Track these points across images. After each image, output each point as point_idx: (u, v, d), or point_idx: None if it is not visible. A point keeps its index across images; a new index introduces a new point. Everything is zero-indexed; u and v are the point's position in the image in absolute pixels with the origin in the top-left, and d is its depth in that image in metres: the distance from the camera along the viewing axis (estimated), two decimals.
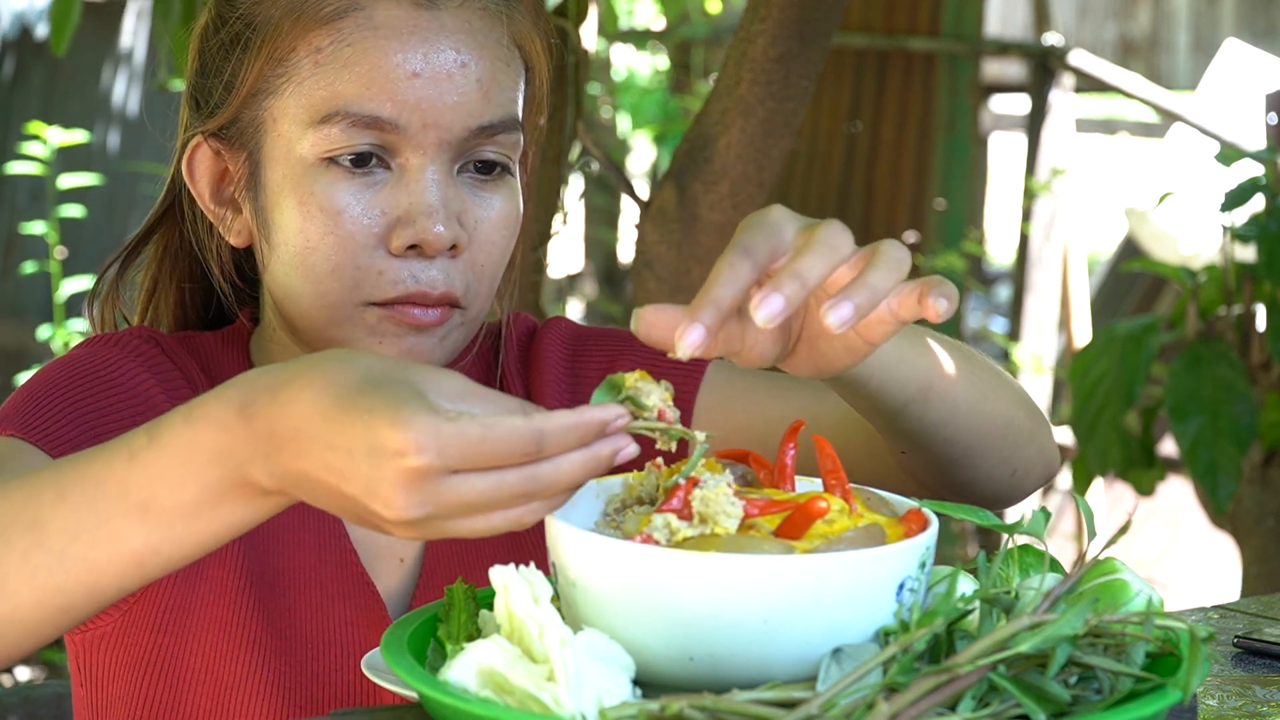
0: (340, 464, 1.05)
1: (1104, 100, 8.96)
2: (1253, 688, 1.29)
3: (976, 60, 5.43)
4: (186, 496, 1.12)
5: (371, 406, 1.04)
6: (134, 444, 1.14)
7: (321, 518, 1.50)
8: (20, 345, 6.27)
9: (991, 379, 1.49)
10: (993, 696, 1.03)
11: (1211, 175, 4.86)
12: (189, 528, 1.13)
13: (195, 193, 1.50)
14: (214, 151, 1.48)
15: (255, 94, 1.44)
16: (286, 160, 1.42)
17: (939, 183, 5.39)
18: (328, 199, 1.40)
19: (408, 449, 1.01)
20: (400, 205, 1.40)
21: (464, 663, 1.05)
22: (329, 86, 1.40)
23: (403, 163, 1.41)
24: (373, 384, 1.05)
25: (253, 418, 1.09)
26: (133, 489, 1.12)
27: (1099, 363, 3.15)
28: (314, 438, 1.06)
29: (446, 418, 1.02)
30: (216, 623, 1.44)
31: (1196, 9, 10.48)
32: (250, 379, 1.11)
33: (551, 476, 1.05)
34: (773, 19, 2.23)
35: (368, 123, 1.39)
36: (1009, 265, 7.91)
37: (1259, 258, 3.09)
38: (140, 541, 1.13)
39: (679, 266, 2.33)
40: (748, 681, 1.05)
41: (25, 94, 6.65)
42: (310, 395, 1.07)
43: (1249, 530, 3.23)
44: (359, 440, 1.03)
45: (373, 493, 1.04)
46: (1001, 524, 1.18)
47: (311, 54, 1.41)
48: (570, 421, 1.05)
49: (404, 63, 1.39)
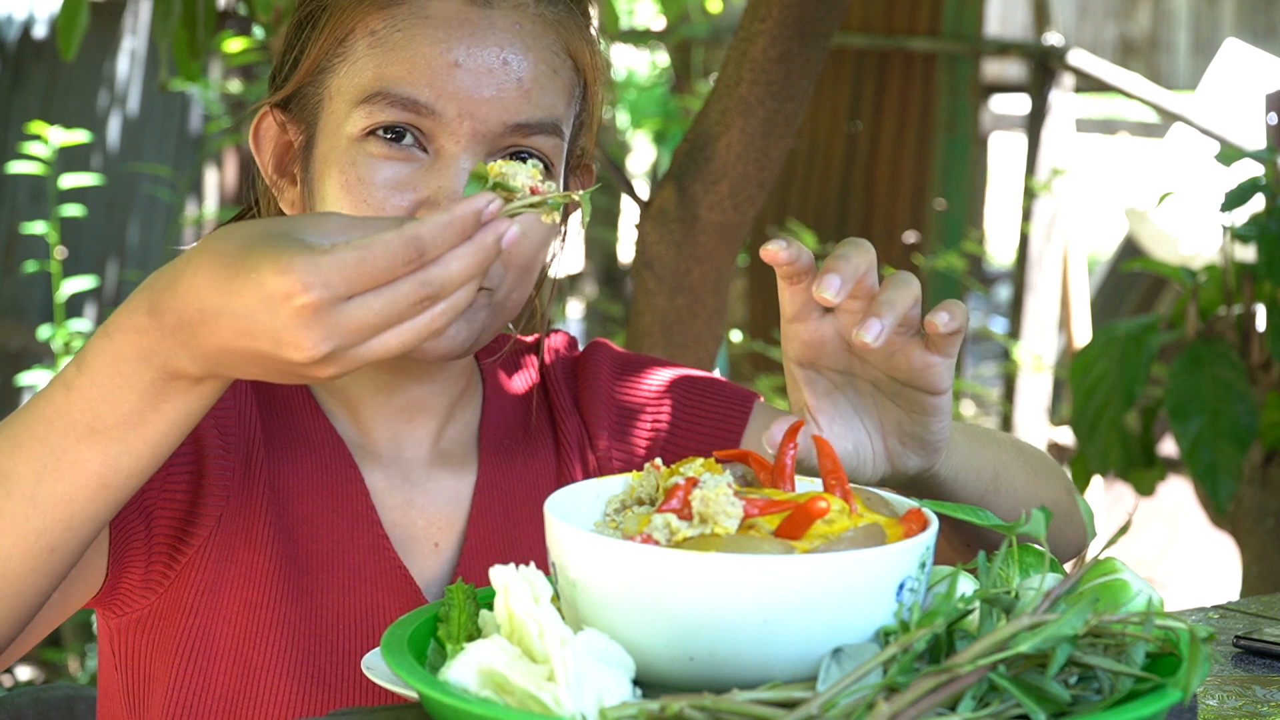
0: (245, 325, 1.11)
1: (1104, 100, 8.96)
2: (1253, 688, 1.29)
3: (976, 60, 5.43)
4: (127, 407, 1.18)
5: (256, 264, 1.10)
6: (67, 375, 1.20)
7: (354, 503, 1.52)
8: (20, 345, 6.26)
9: (1042, 464, 1.62)
10: (993, 696, 1.03)
11: (1211, 175, 4.87)
12: (139, 436, 1.20)
13: (258, 160, 1.56)
14: (279, 124, 1.54)
15: (317, 71, 1.50)
16: (334, 136, 1.47)
17: (939, 183, 5.38)
18: (365, 171, 1.44)
19: (294, 289, 1.08)
20: (430, 187, 1.44)
21: (464, 663, 1.06)
22: (376, 68, 1.45)
23: (438, 148, 1.44)
24: (253, 244, 1.12)
25: (161, 313, 1.16)
26: (77, 415, 1.19)
27: (1099, 363, 3.16)
28: (217, 311, 1.12)
29: (322, 251, 1.08)
30: (246, 605, 1.46)
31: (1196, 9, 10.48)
32: (152, 280, 1.18)
33: (443, 276, 1.11)
34: (773, 19, 2.23)
35: (405, 104, 1.43)
36: (1009, 265, 7.91)
37: (1259, 258, 3.09)
38: (99, 462, 1.20)
39: (679, 266, 2.33)
40: (748, 681, 1.05)
41: (25, 94, 6.65)
42: (204, 274, 1.13)
43: (1249, 530, 3.23)
44: (252, 296, 1.10)
45: (279, 341, 1.10)
46: (1001, 524, 1.18)
47: (367, 36, 1.46)
48: (444, 220, 1.11)
49: (447, 52, 1.44)
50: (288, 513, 1.50)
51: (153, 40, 6.25)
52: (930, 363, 1.33)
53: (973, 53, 5.40)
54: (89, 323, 5.88)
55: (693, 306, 2.35)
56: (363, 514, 1.52)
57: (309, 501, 1.51)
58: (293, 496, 1.50)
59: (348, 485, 1.52)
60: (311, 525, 1.50)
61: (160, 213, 6.49)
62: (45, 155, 5.01)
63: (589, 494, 1.20)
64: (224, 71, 6.38)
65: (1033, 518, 1.13)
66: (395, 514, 1.53)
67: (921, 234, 5.35)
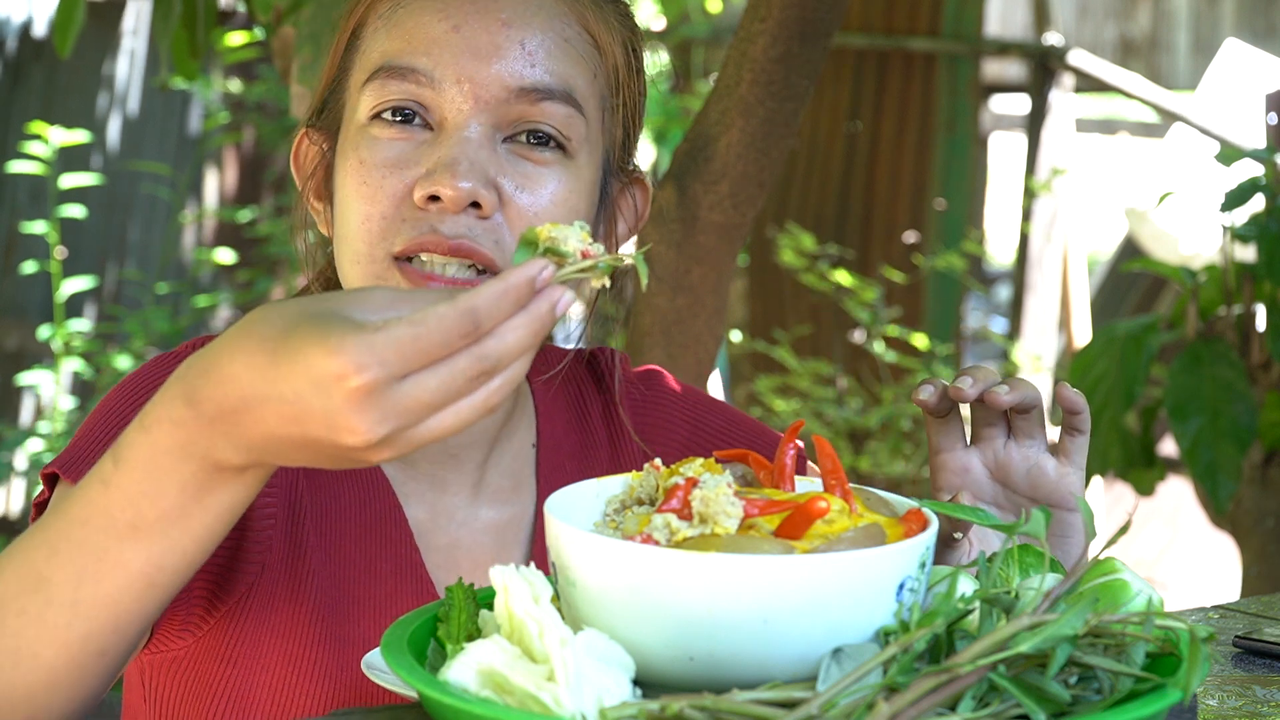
0: (294, 410, 1.05)
1: (1104, 100, 8.95)
2: (1253, 688, 1.29)
3: (976, 60, 5.43)
4: (168, 502, 1.12)
5: (302, 346, 1.04)
6: (104, 472, 1.14)
7: (398, 547, 1.46)
8: (20, 345, 6.26)
9: None
10: (993, 696, 1.03)
11: (1211, 175, 4.86)
12: (183, 530, 1.13)
13: (299, 186, 1.54)
14: (319, 150, 1.52)
15: (340, 74, 1.49)
16: (348, 127, 1.45)
17: (939, 183, 5.38)
18: (368, 153, 1.42)
19: (347, 371, 1.02)
20: (429, 160, 1.41)
21: (464, 663, 1.05)
22: (380, 47, 1.44)
23: (440, 120, 1.42)
24: (296, 326, 1.05)
25: (199, 403, 1.09)
26: (116, 513, 1.12)
27: (1099, 363, 3.15)
28: (262, 397, 1.06)
29: (374, 329, 1.02)
30: (286, 656, 1.41)
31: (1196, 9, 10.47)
32: (185, 369, 1.11)
33: (499, 349, 1.05)
34: (773, 19, 2.23)
35: (404, 74, 1.41)
36: (1009, 265, 7.91)
37: (1259, 258, 3.09)
38: (143, 560, 1.13)
39: (679, 266, 2.33)
40: (748, 681, 1.05)
41: (25, 94, 6.65)
42: (244, 360, 1.07)
43: (1249, 530, 3.23)
44: (301, 380, 1.03)
45: (333, 426, 1.04)
46: (1001, 524, 1.18)
47: (375, 22, 1.46)
48: (499, 289, 1.05)
49: (446, 20, 1.42)
50: (333, 559, 1.44)
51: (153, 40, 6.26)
52: (1064, 472, 1.39)
53: (973, 53, 5.40)
54: (88, 323, 5.88)
55: (693, 306, 2.35)
56: (406, 557, 1.46)
57: (353, 544, 1.45)
58: (339, 541, 1.45)
59: (392, 528, 1.47)
60: (355, 570, 1.44)
61: (160, 212, 6.49)
62: (45, 155, 5.01)
63: (589, 494, 1.20)
64: (224, 71, 6.38)
65: (1033, 518, 1.13)
66: (439, 556, 1.48)
67: (921, 234, 5.35)
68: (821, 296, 5.14)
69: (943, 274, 5.26)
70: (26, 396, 6.32)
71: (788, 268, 5.09)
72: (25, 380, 5.41)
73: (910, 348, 5.10)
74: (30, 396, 6.30)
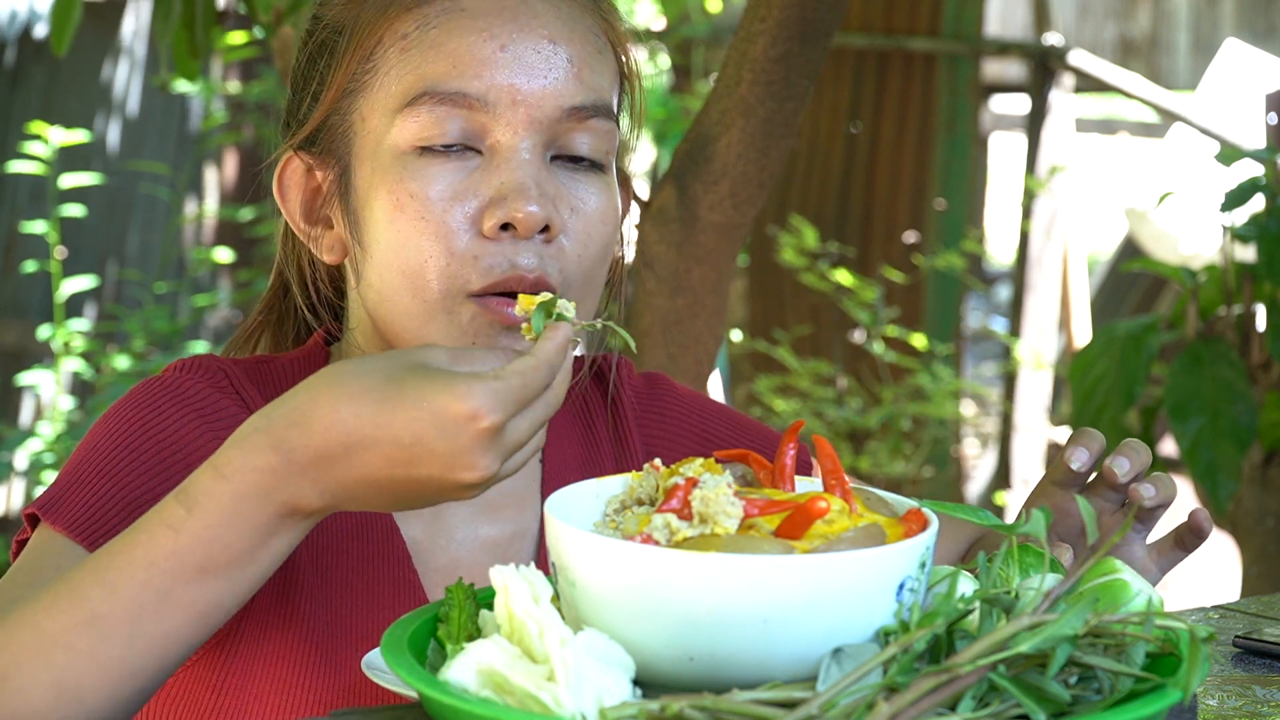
0: (412, 455, 1.13)
1: (1104, 100, 8.95)
2: (1253, 688, 1.29)
3: (976, 60, 5.43)
4: (241, 544, 1.17)
5: (421, 394, 1.13)
6: (171, 517, 1.18)
7: (395, 568, 1.44)
8: (20, 345, 6.26)
9: None
10: (993, 696, 1.03)
11: (1211, 175, 4.86)
12: (246, 573, 1.19)
13: (285, 212, 1.48)
14: (305, 167, 1.46)
15: (345, 94, 1.42)
16: (376, 154, 1.39)
17: (939, 183, 5.38)
18: (418, 185, 1.37)
19: (479, 413, 1.13)
20: (492, 186, 1.37)
21: (464, 663, 1.05)
22: (416, 70, 1.38)
23: (493, 144, 1.38)
24: (402, 375, 1.15)
25: (291, 450, 1.15)
26: (187, 557, 1.17)
27: (1099, 363, 3.15)
28: (373, 442, 1.14)
29: (492, 376, 1.14)
30: (280, 683, 1.40)
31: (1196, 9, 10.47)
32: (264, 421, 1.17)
33: (557, 398, 1.19)
34: (773, 19, 2.23)
35: (455, 100, 1.36)
36: (1009, 265, 7.91)
37: (1259, 258, 3.08)
38: (205, 601, 1.18)
39: (679, 266, 2.33)
40: (748, 681, 1.05)
41: (25, 93, 6.65)
42: (349, 409, 1.14)
43: (1249, 530, 3.23)
44: (426, 425, 1.13)
45: (454, 465, 1.13)
46: (1002, 524, 1.18)
47: (397, 41, 1.39)
48: (557, 344, 1.19)
49: (491, 40, 1.37)
50: (328, 582, 1.42)
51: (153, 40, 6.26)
52: (1148, 567, 1.40)
53: (973, 53, 5.40)
54: (88, 323, 5.88)
55: (693, 306, 2.35)
56: (403, 578, 1.44)
57: (349, 567, 1.43)
58: (333, 564, 1.43)
59: (388, 548, 1.44)
60: (351, 593, 1.42)
61: (160, 212, 6.49)
62: (45, 155, 5.01)
63: (589, 494, 1.20)
64: (223, 70, 6.38)
65: (1033, 518, 1.13)
66: (439, 576, 1.45)
67: (921, 234, 5.35)
68: (821, 296, 5.14)
69: (943, 274, 5.26)
70: (26, 396, 6.33)
71: (788, 267, 5.09)
72: (25, 380, 5.41)
73: (910, 348, 5.10)
74: (30, 396, 6.30)
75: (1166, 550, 1.42)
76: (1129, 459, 1.39)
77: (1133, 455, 1.39)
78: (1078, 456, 1.40)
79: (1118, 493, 1.41)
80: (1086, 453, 1.40)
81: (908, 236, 5.34)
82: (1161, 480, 1.39)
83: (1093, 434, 1.41)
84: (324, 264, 1.51)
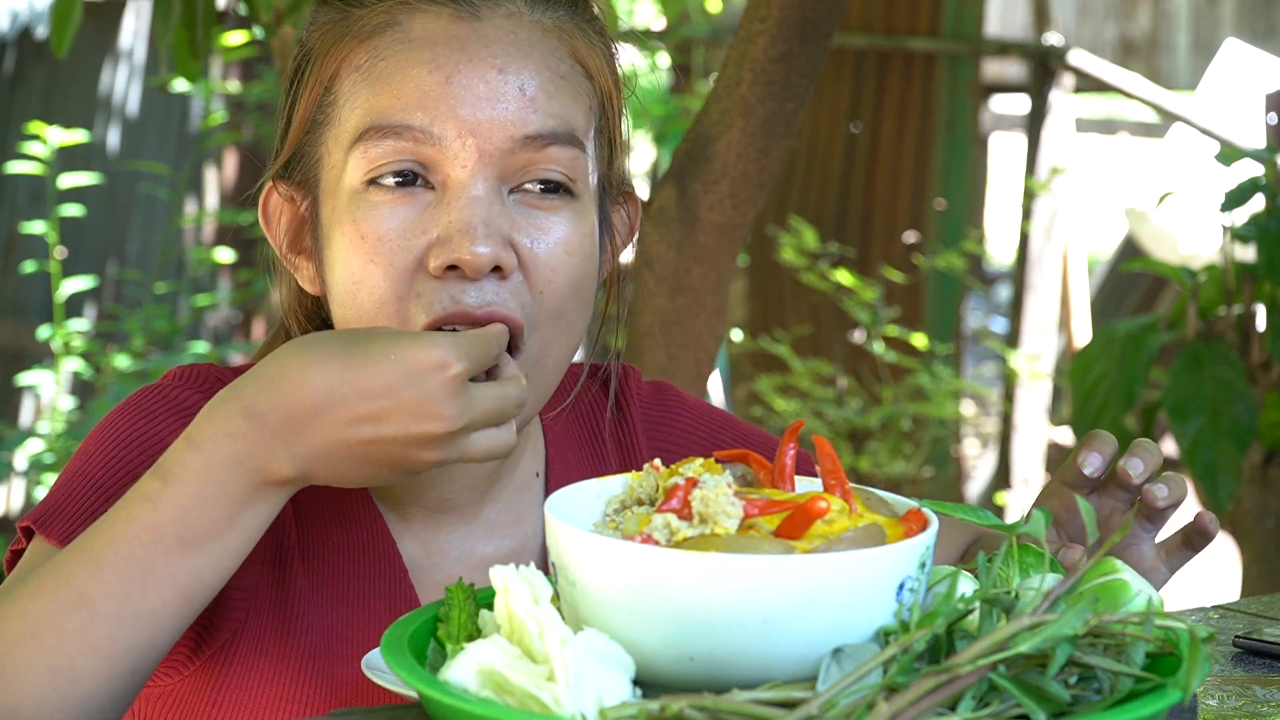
0: (379, 408, 1.17)
1: (1104, 100, 8.95)
2: (1253, 688, 1.29)
3: (976, 60, 5.43)
4: (217, 513, 1.19)
5: (387, 347, 1.17)
6: (148, 491, 1.19)
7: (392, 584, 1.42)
8: (20, 345, 6.26)
9: None
10: (993, 696, 1.03)
11: (1211, 175, 4.86)
12: (223, 545, 1.20)
13: (270, 240, 1.45)
14: (285, 198, 1.42)
15: (313, 125, 1.39)
16: (336, 192, 1.36)
17: (939, 183, 5.38)
18: (369, 225, 1.33)
19: (446, 361, 1.17)
20: (439, 224, 1.32)
21: (464, 663, 1.05)
22: (365, 104, 1.34)
23: (443, 179, 1.33)
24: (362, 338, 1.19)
25: (262, 414, 1.18)
26: (166, 530, 1.18)
27: (1099, 363, 3.15)
28: (340, 400, 1.17)
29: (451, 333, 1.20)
30: (275, 699, 1.38)
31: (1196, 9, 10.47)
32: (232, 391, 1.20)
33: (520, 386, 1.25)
34: (773, 19, 2.23)
35: (398, 132, 1.32)
36: (1009, 265, 7.91)
37: (1259, 258, 3.08)
38: (185, 574, 1.19)
39: (679, 266, 2.33)
40: (748, 681, 1.05)
41: (25, 94, 6.65)
42: (315, 371, 1.17)
43: (1249, 530, 3.23)
44: (395, 375, 1.16)
45: (421, 414, 1.17)
46: (1002, 525, 1.18)
47: (351, 74, 1.36)
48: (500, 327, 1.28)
49: (436, 71, 1.33)
50: (324, 598, 1.40)
51: (153, 40, 6.26)
52: (1156, 566, 1.41)
53: (973, 53, 5.40)
54: (88, 323, 5.88)
55: (693, 306, 2.35)
56: (400, 595, 1.42)
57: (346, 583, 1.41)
58: (330, 580, 1.41)
59: (385, 565, 1.42)
60: (348, 610, 1.40)
61: (160, 212, 6.49)
62: (45, 155, 5.01)
63: (589, 494, 1.20)
64: (223, 70, 6.38)
65: (1033, 518, 1.13)
66: (436, 593, 1.42)
67: (921, 234, 5.35)
68: (821, 296, 5.14)
69: (943, 274, 5.26)
70: (26, 396, 6.33)
71: (788, 267, 5.09)
72: (25, 380, 5.41)
73: (910, 347, 5.10)
74: (30, 397, 6.30)
75: (1175, 550, 1.43)
76: (1142, 459, 1.39)
77: (1146, 456, 1.40)
78: (1090, 461, 1.40)
79: (1129, 493, 1.41)
80: (1099, 457, 1.41)
81: (908, 236, 5.34)
82: (1173, 480, 1.40)
83: (1105, 437, 1.42)
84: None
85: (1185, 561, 1.43)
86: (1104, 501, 1.42)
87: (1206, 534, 1.41)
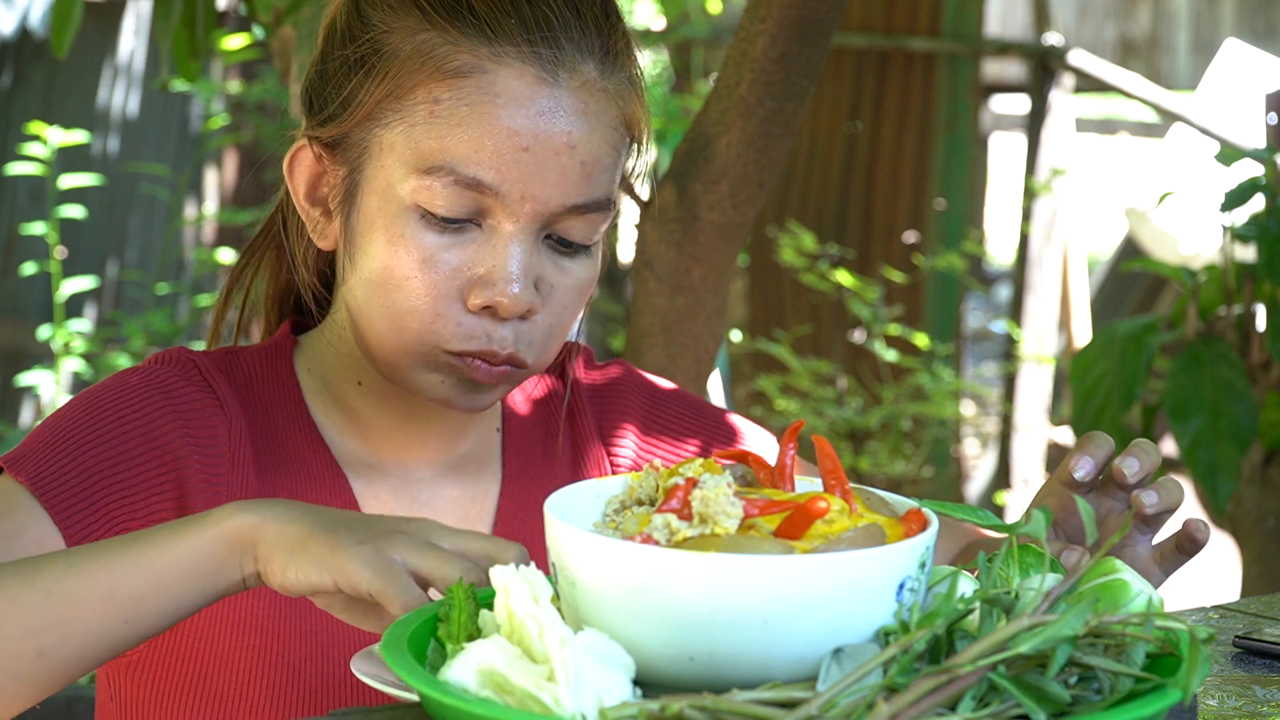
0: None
1: (1104, 100, 8.95)
2: (1253, 688, 1.29)
3: (976, 60, 5.43)
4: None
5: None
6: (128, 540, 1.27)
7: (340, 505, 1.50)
8: (20, 345, 6.26)
9: None
10: (993, 697, 1.03)
11: (1211, 175, 4.87)
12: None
13: (291, 188, 1.51)
14: (315, 156, 1.49)
15: (368, 119, 1.44)
16: (385, 194, 1.43)
17: (939, 183, 5.38)
18: (418, 244, 1.41)
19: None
20: (483, 264, 1.41)
21: (464, 663, 1.05)
22: (439, 140, 1.40)
23: (494, 225, 1.42)
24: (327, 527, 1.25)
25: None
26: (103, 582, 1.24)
27: (1099, 363, 3.15)
28: None
29: None
30: (247, 649, 1.44)
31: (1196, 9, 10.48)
32: None
33: None
34: (773, 19, 2.23)
35: (469, 184, 1.40)
36: (1009, 265, 7.91)
37: (1259, 258, 3.08)
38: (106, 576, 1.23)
39: (679, 266, 2.33)
40: (748, 681, 1.05)
41: (25, 95, 6.65)
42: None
43: (1249, 530, 3.23)
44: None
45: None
46: (1002, 524, 1.18)
47: (429, 103, 1.41)
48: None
49: (515, 136, 1.40)
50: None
51: (152, 40, 6.26)
52: (1151, 569, 1.41)
53: (973, 53, 5.40)
54: (88, 323, 5.88)
55: (693, 306, 2.35)
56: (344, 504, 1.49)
57: None
58: None
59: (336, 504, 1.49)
60: None
61: (160, 213, 6.49)
62: (45, 156, 5.01)
63: (589, 494, 1.20)
64: (223, 71, 6.38)
65: (1033, 518, 1.13)
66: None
67: (921, 234, 5.35)
68: (821, 296, 5.14)
69: (943, 274, 5.26)
70: (26, 397, 6.32)
71: (788, 267, 5.09)
72: (25, 380, 5.42)
73: (911, 347, 5.10)
74: (30, 397, 6.30)
75: (1169, 554, 1.43)
76: (1138, 460, 1.40)
77: (1142, 456, 1.40)
78: (1082, 465, 1.41)
79: (1127, 492, 1.42)
80: (1091, 460, 1.41)
81: (908, 236, 5.34)
82: (1166, 485, 1.40)
83: (1101, 439, 1.42)
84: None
85: (1179, 565, 1.43)
86: (1102, 501, 1.43)
87: (1195, 542, 1.42)
